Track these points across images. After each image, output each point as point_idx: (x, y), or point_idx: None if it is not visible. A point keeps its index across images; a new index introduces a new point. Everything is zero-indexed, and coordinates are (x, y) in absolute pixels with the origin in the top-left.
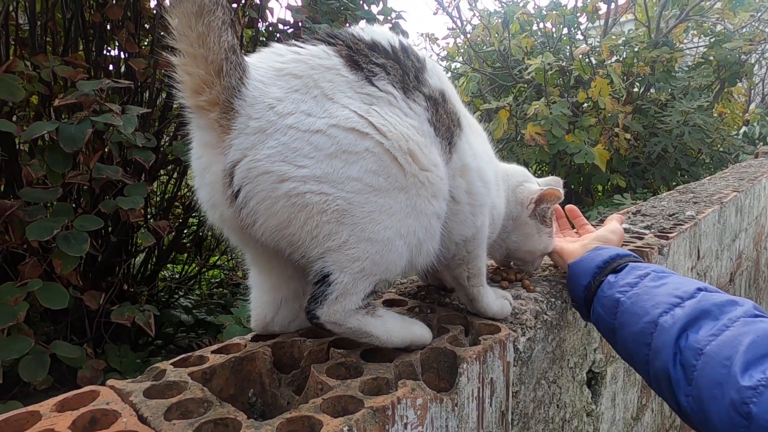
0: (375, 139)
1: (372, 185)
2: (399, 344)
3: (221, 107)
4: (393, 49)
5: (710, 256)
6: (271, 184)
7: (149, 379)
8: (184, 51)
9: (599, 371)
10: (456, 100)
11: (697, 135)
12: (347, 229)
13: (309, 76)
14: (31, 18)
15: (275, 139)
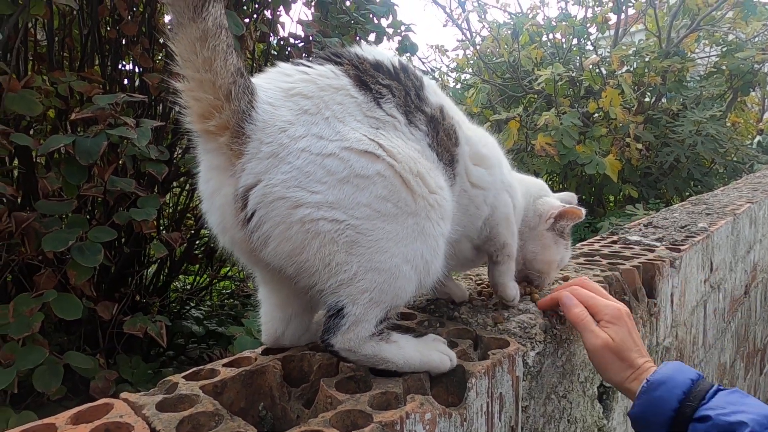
0: (386, 161)
1: (381, 211)
2: (418, 370)
3: (231, 132)
4: (395, 69)
5: (724, 268)
6: (286, 209)
7: (162, 392)
8: (189, 77)
9: (610, 386)
10: (454, 112)
11: (710, 145)
12: (356, 260)
13: (319, 97)
14: (49, 34)
15: (289, 163)
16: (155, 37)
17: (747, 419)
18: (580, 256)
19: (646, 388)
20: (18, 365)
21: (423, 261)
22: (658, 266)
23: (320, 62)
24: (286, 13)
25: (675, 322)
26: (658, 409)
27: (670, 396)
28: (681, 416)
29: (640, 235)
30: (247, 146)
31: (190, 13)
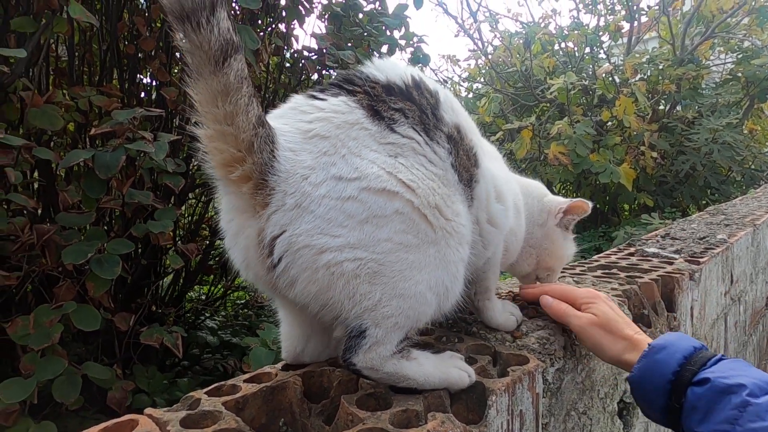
0: (405, 197)
1: (402, 243)
2: (438, 386)
3: (254, 183)
4: (407, 87)
5: (744, 280)
6: (311, 256)
7: (185, 408)
8: (210, 127)
9: (631, 401)
10: (470, 130)
11: (726, 153)
12: (379, 288)
13: (336, 136)
14: (70, 49)
15: (311, 211)
16: (172, 51)
17: (746, 381)
18: (597, 269)
19: (647, 352)
20: (38, 376)
21: (443, 287)
22: (677, 279)
23: (334, 92)
24: (300, 26)
25: (695, 336)
26: (658, 373)
27: (671, 359)
28: (680, 380)
29: (657, 247)
30: (271, 198)
31: (211, 67)
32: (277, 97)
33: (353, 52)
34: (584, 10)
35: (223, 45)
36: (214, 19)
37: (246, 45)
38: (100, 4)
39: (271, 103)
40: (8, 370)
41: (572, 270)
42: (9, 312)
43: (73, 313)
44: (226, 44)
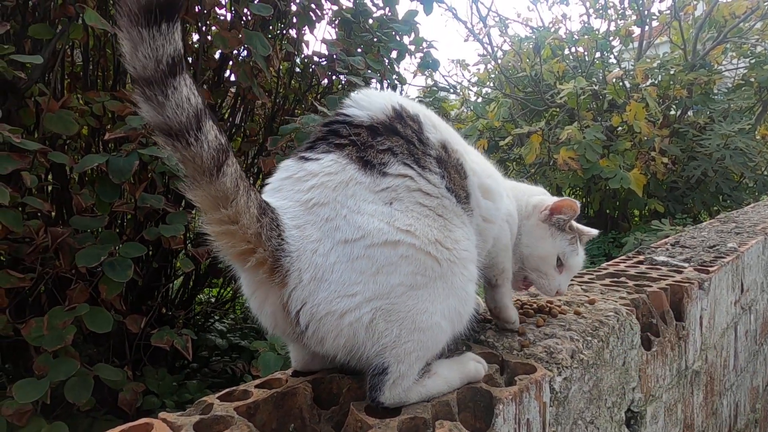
0: (406, 242)
1: (413, 284)
2: (460, 386)
3: (269, 267)
4: (391, 121)
5: (755, 289)
6: (335, 320)
7: (198, 413)
8: (217, 228)
9: (638, 411)
10: (453, 140)
11: (739, 158)
12: (397, 326)
13: (334, 200)
14: (85, 55)
15: (326, 280)
16: (185, 56)
17: None
18: (606, 277)
19: None
20: (51, 377)
21: (456, 313)
22: (686, 288)
23: (323, 149)
24: (311, 32)
25: (705, 346)
26: None
27: None
28: None
29: (667, 255)
30: (288, 278)
31: (206, 177)
32: (287, 101)
33: (363, 58)
34: (595, 14)
35: (214, 156)
36: (201, 135)
37: (257, 51)
38: (115, 9)
39: (282, 108)
40: (22, 371)
41: (581, 278)
42: (23, 313)
43: (86, 315)
44: (217, 154)
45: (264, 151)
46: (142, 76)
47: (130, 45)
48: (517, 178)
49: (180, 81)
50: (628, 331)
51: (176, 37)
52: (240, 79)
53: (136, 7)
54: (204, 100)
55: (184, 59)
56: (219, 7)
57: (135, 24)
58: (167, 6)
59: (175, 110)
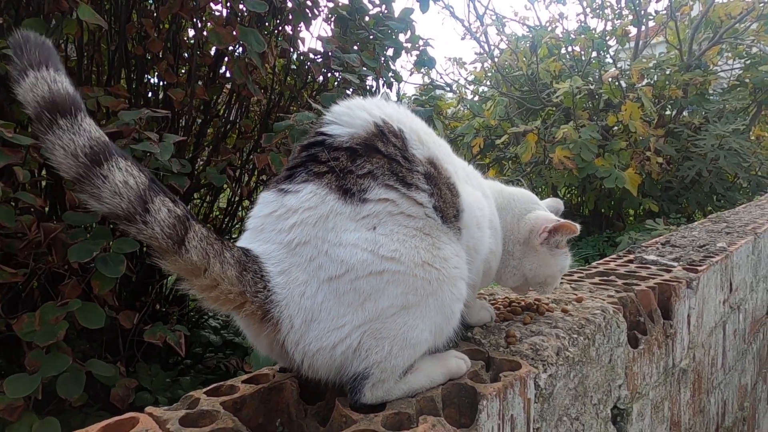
0: (391, 270)
1: (404, 304)
2: (443, 381)
3: (260, 318)
4: (371, 140)
5: (744, 288)
6: (327, 352)
7: (184, 407)
8: (201, 293)
9: (625, 408)
10: (443, 156)
11: (733, 159)
12: (387, 342)
13: (315, 236)
14: (79, 50)
15: (316, 319)
16: (180, 53)
17: None
18: (596, 276)
19: None
20: (42, 372)
21: (439, 329)
22: (674, 287)
23: (302, 178)
24: (307, 28)
25: (692, 344)
26: None
27: None
28: None
29: (657, 255)
30: (279, 325)
31: (171, 254)
32: (282, 98)
33: (358, 55)
34: (592, 14)
35: (171, 233)
36: (150, 216)
37: (252, 47)
38: (109, 4)
39: (277, 104)
40: (14, 366)
41: (570, 277)
42: (15, 309)
43: (78, 310)
44: (174, 230)
45: (259, 147)
46: (71, 176)
47: (50, 152)
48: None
49: (110, 167)
50: (615, 329)
51: (85, 126)
52: (235, 76)
53: (33, 115)
54: (148, 174)
55: (109, 145)
56: (214, 3)
57: (41, 133)
58: (53, 105)
59: (112, 198)
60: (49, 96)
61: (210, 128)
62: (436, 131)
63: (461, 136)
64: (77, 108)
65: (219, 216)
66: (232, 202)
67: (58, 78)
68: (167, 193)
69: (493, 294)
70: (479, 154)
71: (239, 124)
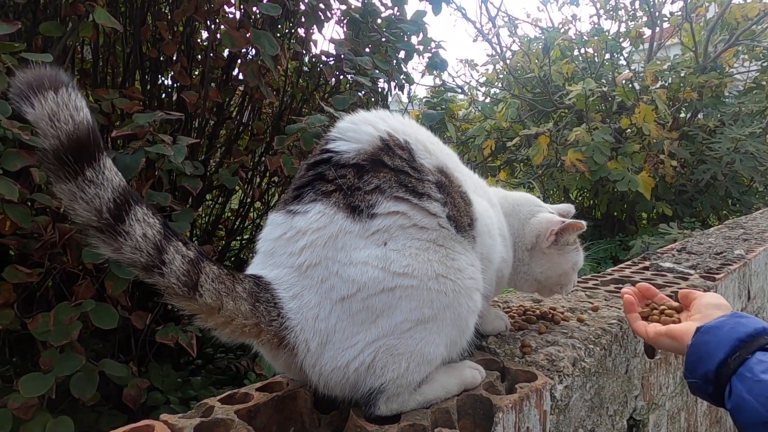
0: (403, 285)
1: (419, 318)
2: (458, 392)
3: (276, 344)
4: (378, 154)
5: (762, 296)
6: (341, 371)
7: (199, 415)
8: (218, 328)
9: (641, 419)
10: (452, 165)
11: (749, 162)
12: (405, 359)
13: (325, 257)
14: (95, 52)
15: (331, 341)
16: (193, 55)
17: None
18: (611, 283)
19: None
20: (56, 372)
21: (453, 343)
22: None
23: (310, 198)
24: (319, 31)
25: None
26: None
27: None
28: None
29: (673, 262)
30: (296, 349)
31: (186, 300)
32: (294, 100)
33: (371, 58)
34: (605, 15)
35: (186, 280)
36: (166, 267)
37: (265, 50)
38: (125, 7)
39: (289, 107)
40: (29, 365)
41: (585, 284)
42: (30, 308)
43: (92, 311)
44: (188, 276)
45: (270, 149)
46: (92, 226)
47: (67, 200)
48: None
49: (130, 222)
50: (631, 339)
51: (107, 174)
52: (248, 78)
53: (51, 159)
54: (160, 219)
55: (127, 192)
56: (228, 6)
57: (60, 180)
58: (78, 147)
59: (133, 252)
60: (74, 132)
61: (223, 130)
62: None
63: (472, 138)
64: (99, 148)
65: (231, 217)
66: (244, 204)
67: (78, 103)
68: (179, 236)
69: (507, 302)
70: (490, 156)
71: (251, 126)
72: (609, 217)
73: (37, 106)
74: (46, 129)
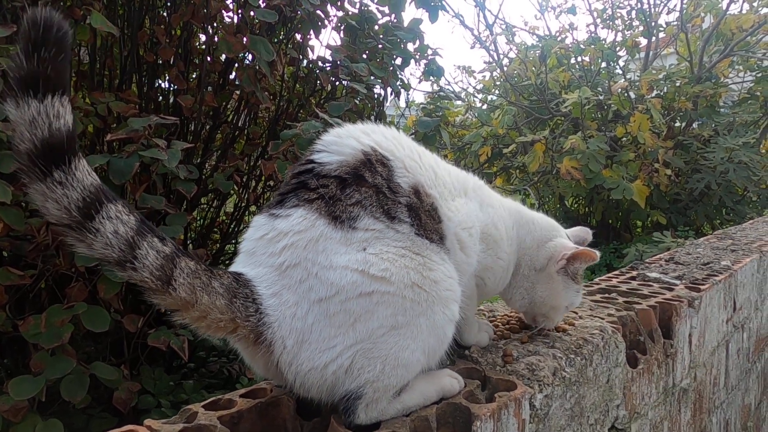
0: (381, 291)
1: (393, 325)
2: (436, 399)
3: (253, 340)
4: (360, 168)
5: (749, 307)
6: (319, 372)
7: (182, 421)
8: (194, 323)
9: (623, 428)
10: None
11: (742, 172)
12: (380, 362)
13: (305, 258)
14: (92, 55)
15: (307, 341)
16: (190, 57)
17: None
18: (597, 293)
19: None
20: (47, 374)
21: (432, 351)
22: (675, 307)
23: (293, 203)
24: (316, 37)
25: (693, 363)
26: None
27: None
28: None
29: (660, 272)
30: (272, 346)
31: (160, 294)
32: (291, 105)
33: (366, 65)
34: (602, 24)
35: (160, 274)
36: (138, 262)
37: (261, 56)
38: (123, 9)
39: (285, 111)
40: (21, 367)
41: None
42: (23, 310)
43: (84, 313)
44: (162, 271)
45: (266, 154)
46: (63, 224)
47: (39, 199)
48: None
49: (101, 219)
50: (613, 349)
51: (78, 175)
52: (243, 83)
53: (24, 161)
54: (137, 216)
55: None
56: (226, 11)
57: (32, 180)
58: (50, 151)
59: (104, 248)
60: (48, 139)
61: (219, 134)
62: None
63: (469, 144)
64: (72, 152)
65: (226, 221)
66: (239, 208)
67: (61, 110)
68: (155, 232)
69: (493, 311)
70: (487, 162)
71: (247, 130)
72: (604, 225)
73: (19, 109)
74: (23, 132)
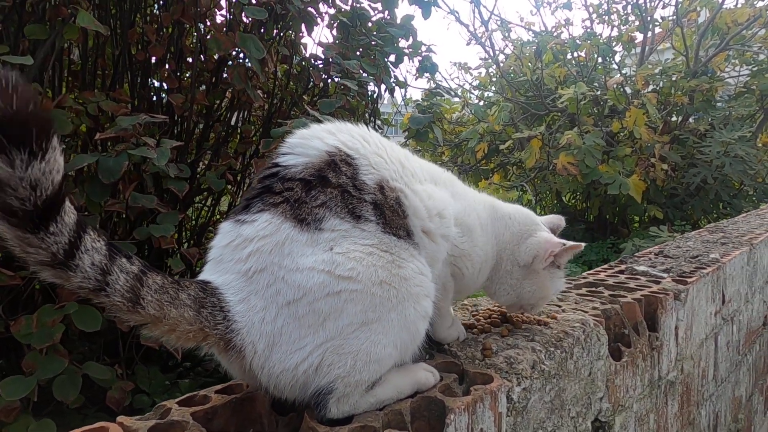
0: (348, 289)
1: (363, 321)
2: (410, 392)
3: (223, 347)
4: (325, 169)
5: (738, 299)
6: (290, 373)
7: (156, 417)
8: (165, 335)
9: (606, 420)
10: (393, 175)
11: (738, 166)
12: (350, 357)
13: (271, 263)
14: (83, 54)
15: (277, 343)
16: (182, 56)
17: None
18: (583, 287)
19: None
20: (39, 374)
21: (404, 345)
22: (661, 299)
23: (258, 208)
24: (308, 34)
25: (680, 356)
26: None
27: None
28: None
29: (648, 265)
30: (243, 351)
31: (132, 314)
32: (284, 103)
33: (359, 61)
34: (597, 20)
35: (130, 296)
36: (110, 288)
37: (251, 54)
38: (115, 9)
39: (278, 109)
40: (14, 368)
41: None
42: (16, 311)
43: (75, 313)
44: (132, 292)
45: (260, 152)
46: (45, 266)
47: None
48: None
49: (80, 256)
50: (595, 342)
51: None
52: (234, 81)
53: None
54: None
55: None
56: (218, 9)
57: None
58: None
59: (82, 282)
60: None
61: (212, 133)
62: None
63: (466, 140)
64: (64, 200)
65: (220, 219)
66: (233, 206)
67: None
68: (122, 252)
69: (476, 305)
70: (483, 159)
71: (240, 128)
72: (601, 220)
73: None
74: (23, 193)
